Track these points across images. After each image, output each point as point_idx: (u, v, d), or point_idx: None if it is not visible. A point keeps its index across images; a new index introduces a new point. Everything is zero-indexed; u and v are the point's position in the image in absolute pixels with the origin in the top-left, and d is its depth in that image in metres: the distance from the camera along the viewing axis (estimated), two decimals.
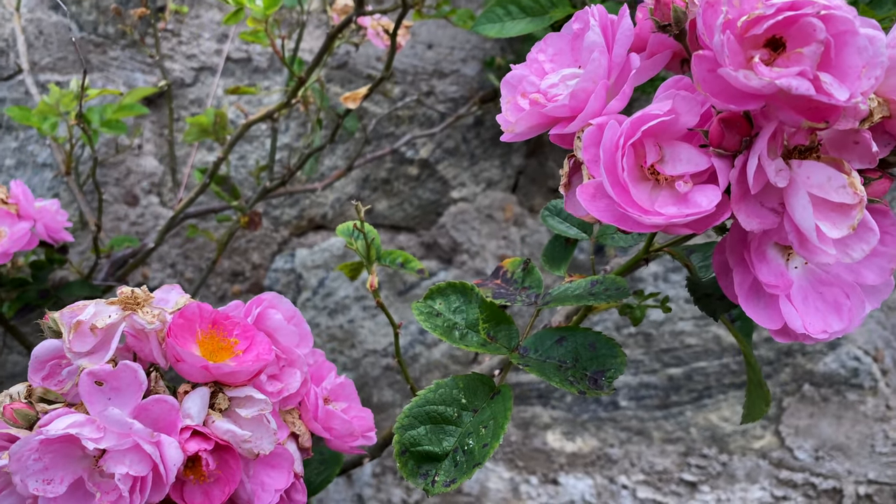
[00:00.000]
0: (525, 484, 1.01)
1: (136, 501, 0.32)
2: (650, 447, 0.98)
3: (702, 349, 0.96)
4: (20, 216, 0.67)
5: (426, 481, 0.36)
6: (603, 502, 1.00)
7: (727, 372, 0.96)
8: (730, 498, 0.97)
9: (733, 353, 0.96)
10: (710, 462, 0.97)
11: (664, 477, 0.98)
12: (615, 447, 0.99)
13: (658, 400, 0.97)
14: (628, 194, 0.28)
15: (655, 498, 0.98)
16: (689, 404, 0.97)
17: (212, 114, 0.74)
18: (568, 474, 1.00)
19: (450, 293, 0.41)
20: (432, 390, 0.38)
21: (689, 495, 0.98)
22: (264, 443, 0.37)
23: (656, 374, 0.97)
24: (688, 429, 0.97)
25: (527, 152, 0.99)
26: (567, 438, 1.00)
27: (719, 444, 0.97)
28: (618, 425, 0.99)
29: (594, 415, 0.99)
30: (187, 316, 0.38)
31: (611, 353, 0.37)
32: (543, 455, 1.00)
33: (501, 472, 1.02)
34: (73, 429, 0.32)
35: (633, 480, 0.99)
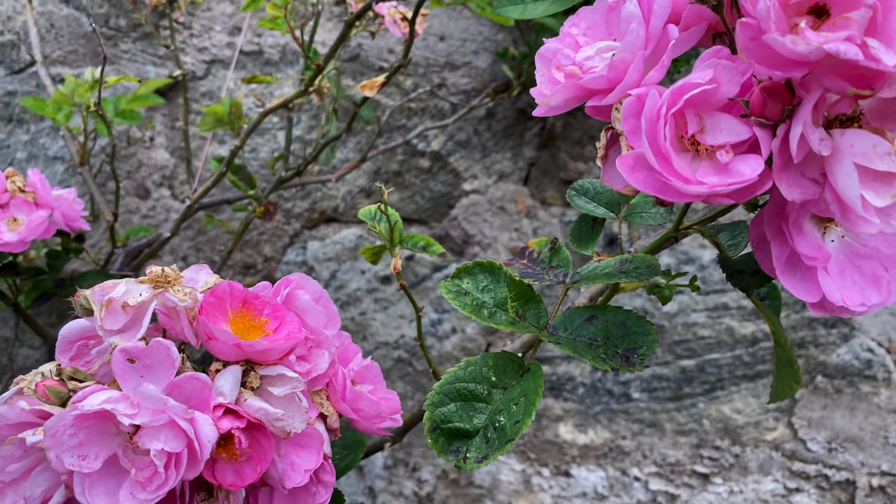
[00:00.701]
0: (537, 476, 1.01)
1: (171, 477, 0.32)
2: (662, 439, 0.98)
3: (714, 341, 0.96)
4: (37, 204, 0.67)
5: (458, 458, 0.36)
6: (615, 494, 0.99)
7: (740, 364, 0.96)
8: (742, 490, 0.97)
9: (746, 344, 0.96)
10: (723, 454, 0.97)
11: (676, 469, 0.98)
12: (627, 439, 0.99)
13: (670, 392, 0.97)
14: (670, 164, 0.28)
15: (668, 490, 0.98)
16: (702, 396, 0.97)
17: (227, 103, 0.74)
18: (580, 466, 1.00)
19: (477, 272, 0.41)
20: (462, 368, 0.38)
21: (702, 487, 0.98)
22: (296, 421, 0.37)
23: (669, 366, 0.97)
24: (700, 421, 0.97)
25: (538, 144, 0.99)
26: (579, 430, 0.99)
27: (732, 435, 0.97)
28: (630, 417, 0.98)
29: (606, 407, 0.99)
30: (218, 295, 0.38)
31: (642, 330, 0.37)
32: (555, 447, 1.00)
33: (513, 465, 1.01)
34: (108, 404, 0.32)
35: (646, 472, 0.98)
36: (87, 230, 0.70)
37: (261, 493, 0.39)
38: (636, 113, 0.29)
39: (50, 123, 1.06)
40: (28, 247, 0.66)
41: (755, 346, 0.95)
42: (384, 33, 1.00)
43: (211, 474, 0.36)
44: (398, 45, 0.99)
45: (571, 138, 0.97)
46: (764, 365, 0.96)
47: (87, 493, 0.32)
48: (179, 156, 1.05)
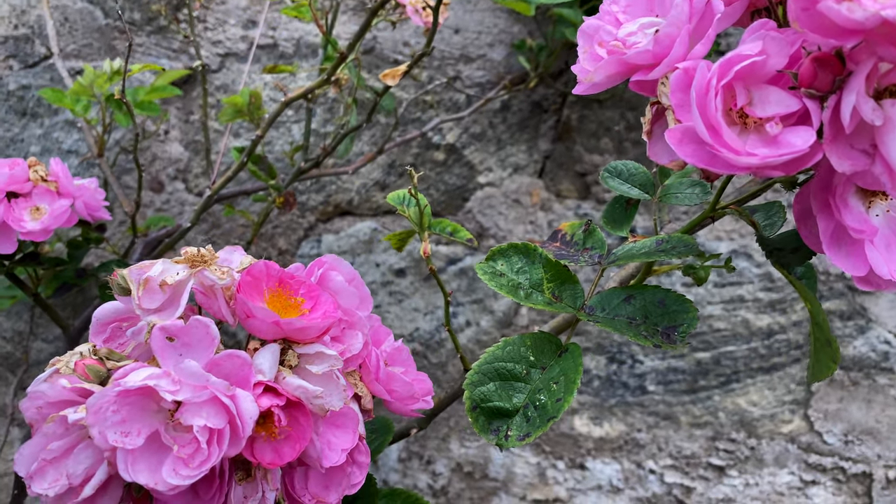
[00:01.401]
0: (552, 469, 1.01)
1: (213, 454, 0.32)
2: (678, 432, 0.98)
3: (730, 333, 0.96)
4: (60, 193, 0.67)
5: (498, 436, 0.36)
6: (630, 487, 0.99)
7: (756, 356, 0.96)
8: (758, 482, 0.97)
9: (762, 337, 0.95)
10: (739, 446, 0.97)
11: (692, 461, 0.98)
12: (643, 432, 0.98)
13: (686, 384, 0.97)
14: (721, 136, 0.28)
15: (683, 482, 0.98)
16: (718, 389, 0.97)
17: (247, 94, 0.74)
18: (595, 459, 0.99)
19: (511, 254, 0.41)
20: (500, 347, 0.38)
21: (717, 480, 0.97)
22: (334, 399, 0.37)
23: (684, 359, 0.97)
24: (716, 413, 0.97)
25: (554, 137, 0.99)
26: (594, 423, 0.99)
27: (748, 428, 0.96)
28: (645, 410, 0.98)
29: (622, 399, 0.99)
30: (254, 274, 0.38)
31: (682, 308, 0.37)
32: (570, 440, 1.00)
33: (528, 457, 1.01)
34: (150, 380, 0.32)
35: (661, 465, 0.98)
36: (109, 220, 0.70)
37: (296, 473, 0.39)
38: (684, 87, 0.29)
39: (64, 117, 1.06)
40: (51, 234, 0.66)
41: (771, 338, 0.95)
42: (399, 26, 1.00)
43: (250, 453, 0.35)
44: (413, 38, 0.99)
45: (587, 131, 0.97)
46: (780, 357, 0.95)
47: (131, 469, 0.32)
48: (194, 149, 1.05)
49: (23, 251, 0.70)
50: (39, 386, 0.34)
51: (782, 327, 0.95)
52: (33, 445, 0.34)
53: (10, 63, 1.09)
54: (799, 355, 0.95)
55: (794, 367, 0.95)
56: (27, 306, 1.10)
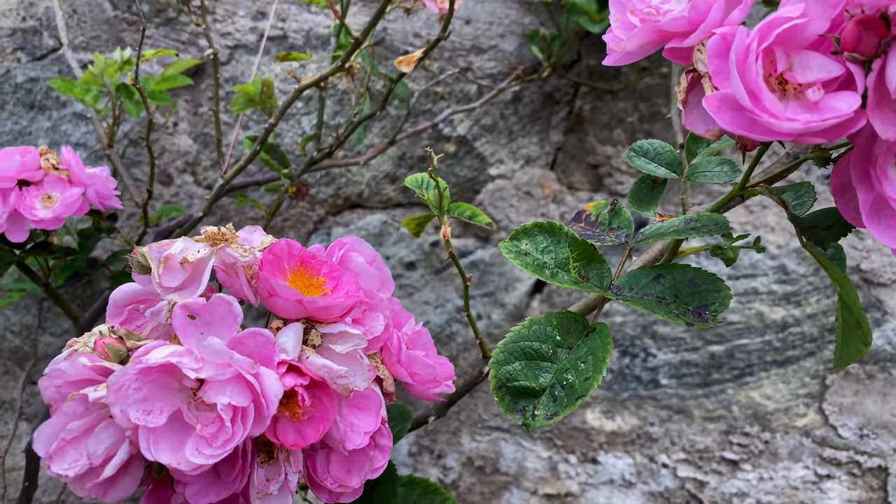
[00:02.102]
0: (564, 463, 1.00)
1: (237, 433, 0.31)
2: (691, 425, 0.97)
3: (744, 326, 0.95)
4: (71, 182, 0.67)
5: (525, 416, 0.35)
6: (643, 481, 0.98)
7: (769, 349, 0.95)
8: (772, 476, 0.96)
9: (776, 330, 0.94)
10: (752, 440, 0.96)
11: (705, 455, 0.97)
12: (655, 425, 0.98)
13: (699, 378, 0.96)
14: (761, 101, 0.27)
15: (696, 477, 0.97)
16: (731, 382, 0.96)
17: (259, 83, 0.73)
18: (607, 453, 0.99)
19: (536, 233, 0.40)
20: (526, 326, 0.37)
21: (731, 474, 0.96)
22: (358, 379, 0.36)
23: (698, 352, 0.96)
24: (729, 407, 0.96)
25: (566, 129, 0.98)
26: (606, 417, 0.98)
27: (761, 422, 0.96)
28: (658, 403, 0.97)
29: (634, 393, 0.98)
30: (276, 253, 0.37)
31: (713, 287, 0.36)
32: (582, 434, 0.99)
33: (539, 451, 1.00)
34: (173, 357, 0.31)
35: (674, 459, 0.97)
36: (121, 209, 0.70)
37: (318, 456, 0.39)
38: (722, 53, 0.29)
39: (72, 110, 1.06)
40: (63, 223, 0.65)
41: (785, 331, 0.94)
42: (408, 17, 1.00)
43: (273, 434, 0.35)
44: (424, 29, 0.98)
45: (600, 122, 0.96)
46: (794, 350, 0.94)
47: (153, 449, 0.31)
48: (202, 142, 1.05)
49: (34, 240, 0.69)
50: (59, 364, 0.33)
51: (797, 320, 0.94)
52: (53, 425, 0.33)
53: (18, 55, 1.09)
54: (813, 348, 0.94)
55: (808, 361, 0.94)
56: (35, 300, 1.10)
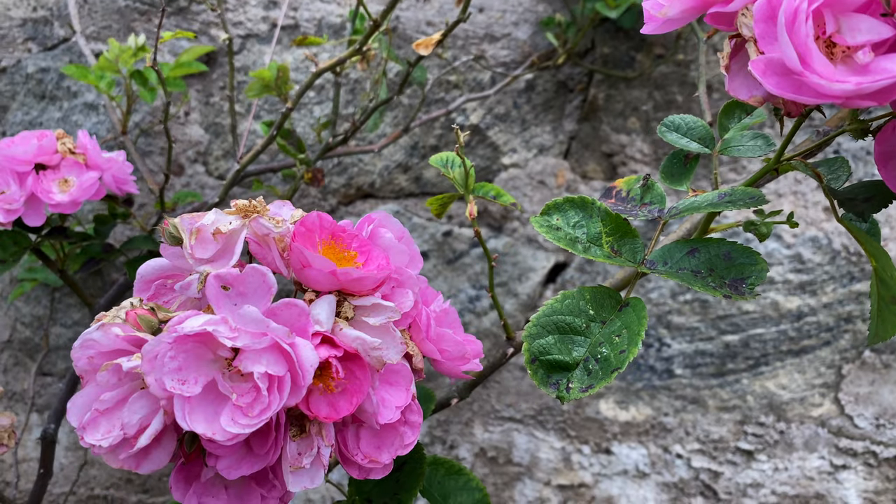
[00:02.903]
0: (577, 454, 1.00)
1: (273, 402, 0.31)
2: (705, 415, 0.96)
3: (759, 316, 0.94)
4: (88, 166, 0.67)
5: (559, 389, 0.35)
6: (657, 472, 0.98)
7: (785, 339, 0.94)
8: (787, 467, 0.95)
9: (791, 319, 0.94)
10: (768, 430, 0.95)
11: (720, 446, 0.96)
12: (670, 416, 0.97)
13: (714, 368, 0.96)
14: (810, 63, 0.27)
15: (711, 467, 0.97)
16: (746, 372, 0.95)
17: (274, 68, 0.73)
18: (621, 443, 0.98)
19: (567, 209, 0.40)
20: (559, 301, 0.37)
21: (746, 464, 0.96)
22: (391, 352, 0.36)
23: (712, 342, 0.96)
24: (744, 397, 0.96)
25: (579, 117, 0.97)
26: (620, 407, 0.98)
27: (777, 412, 0.95)
28: (672, 394, 0.97)
29: (648, 383, 0.97)
30: (308, 226, 0.37)
31: (749, 261, 0.35)
32: (596, 424, 0.99)
33: (553, 442, 1.00)
34: (209, 326, 0.31)
35: (688, 449, 0.97)
36: (137, 193, 0.69)
37: (348, 432, 0.38)
38: (768, 17, 0.28)
39: (83, 100, 1.05)
40: (80, 207, 0.65)
41: (801, 320, 0.94)
42: (422, 5, 0.99)
43: (306, 406, 0.34)
44: (437, 17, 0.98)
45: (614, 110, 0.96)
46: (810, 340, 0.94)
47: (188, 418, 0.31)
48: (214, 132, 1.04)
49: (49, 226, 0.69)
50: (92, 334, 0.33)
51: (812, 309, 0.93)
52: (85, 395, 0.33)
53: (29, 46, 1.09)
54: (829, 338, 0.94)
55: (824, 350, 0.94)
56: (46, 291, 1.10)
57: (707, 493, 0.97)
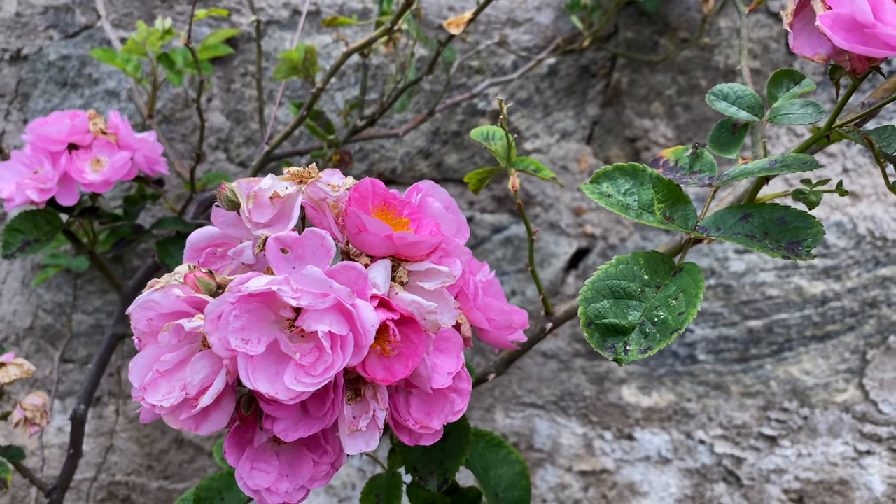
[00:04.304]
0: (599, 440, 1.00)
1: (337, 361, 0.31)
2: (728, 401, 0.96)
3: (783, 301, 0.94)
4: (120, 146, 0.67)
5: (616, 352, 0.35)
6: (679, 458, 0.98)
7: (809, 324, 0.94)
8: (811, 452, 0.95)
9: (815, 304, 0.94)
10: (791, 416, 0.95)
11: (743, 431, 0.96)
12: (692, 401, 0.97)
13: (737, 353, 0.96)
14: (883, 14, 0.27)
15: (734, 453, 0.97)
16: (769, 357, 0.95)
17: (302, 49, 0.73)
18: (644, 429, 0.98)
19: (617, 176, 0.40)
20: (613, 265, 0.37)
21: (769, 450, 0.96)
22: (446, 316, 0.36)
23: (735, 327, 0.95)
24: (768, 382, 0.95)
25: (602, 102, 0.97)
26: (643, 393, 0.98)
27: (800, 397, 0.95)
28: (695, 379, 0.97)
29: (671, 369, 0.97)
30: (361, 192, 0.37)
31: (805, 224, 0.35)
32: (618, 410, 0.99)
33: (574, 428, 1.00)
34: (273, 285, 0.31)
35: (711, 435, 0.97)
36: (167, 174, 0.70)
37: (399, 398, 0.38)
38: None
39: (104, 87, 1.05)
40: (112, 186, 0.65)
41: (825, 305, 0.93)
42: None
43: (363, 368, 0.35)
44: (459, 3, 0.98)
45: (637, 95, 0.96)
46: (834, 325, 0.94)
47: (251, 377, 0.31)
48: (235, 119, 1.04)
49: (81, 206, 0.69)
50: (152, 296, 0.33)
51: (837, 294, 0.93)
52: (146, 356, 0.33)
53: (51, 33, 1.09)
54: (853, 323, 0.94)
55: (848, 336, 0.94)
56: (68, 278, 1.10)
57: (730, 479, 0.97)
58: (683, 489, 0.98)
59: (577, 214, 0.98)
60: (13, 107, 1.10)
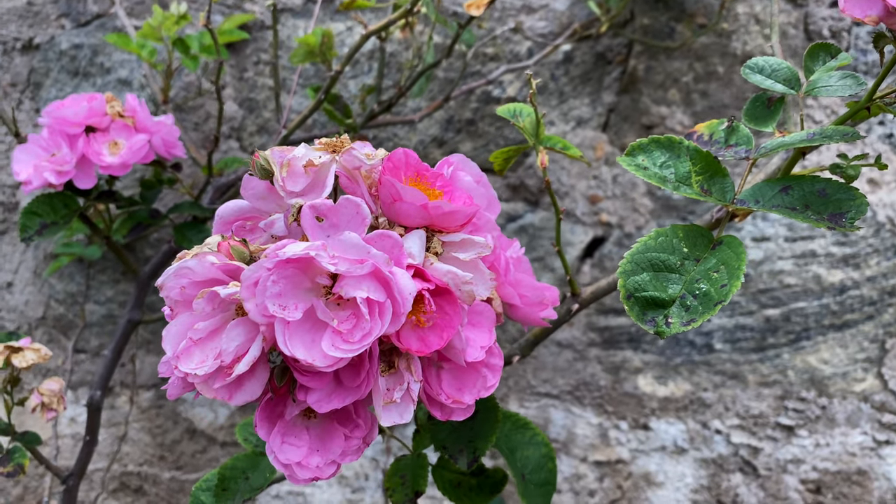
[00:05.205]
0: (614, 429, 0.99)
1: (375, 327, 0.31)
2: (745, 391, 0.96)
3: (801, 289, 0.93)
4: (137, 129, 0.66)
5: (657, 325, 0.34)
6: (695, 447, 0.97)
7: (827, 313, 0.93)
8: (829, 442, 0.94)
9: (834, 293, 0.93)
10: (809, 406, 0.94)
11: (760, 421, 0.96)
12: (709, 391, 0.96)
13: (754, 342, 0.95)
14: None
15: (750, 443, 0.96)
16: (787, 346, 0.94)
17: (319, 33, 0.72)
18: (659, 419, 0.98)
19: (653, 149, 0.39)
20: (652, 238, 0.36)
21: (786, 440, 0.95)
22: (481, 287, 0.35)
23: (753, 316, 0.95)
24: (785, 372, 0.95)
25: (619, 89, 0.97)
26: (659, 383, 0.97)
27: (818, 387, 0.94)
28: (712, 369, 0.96)
29: (687, 358, 0.96)
30: (395, 162, 0.36)
31: (847, 196, 0.35)
32: (634, 400, 0.98)
33: (590, 418, 0.99)
34: (311, 250, 0.30)
35: (728, 425, 0.96)
36: (184, 157, 0.69)
37: (430, 372, 0.38)
38: None
39: (116, 76, 1.05)
40: (129, 170, 0.65)
41: (843, 294, 0.93)
42: None
43: (397, 339, 0.34)
44: None
45: (654, 82, 0.95)
46: (852, 314, 0.93)
47: (288, 343, 0.30)
48: (248, 107, 1.04)
49: (98, 190, 0.69)
50: (186, 263, 0.32)
51: (855, 283, 0.92)
52: (179, 324, 0.32)
53: (63, 22, 1.08)
54: (872, 312, 0.93)
55: (867, 325, 0.93)
56: (80, 267, 1.10)
57: (746, 469, 0.96)
58: (699, 479, 0.97)
59: (593, 203, 0.98)
60: (25, 96, 1.10)
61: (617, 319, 0.98)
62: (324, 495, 1.09)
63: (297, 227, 0.35)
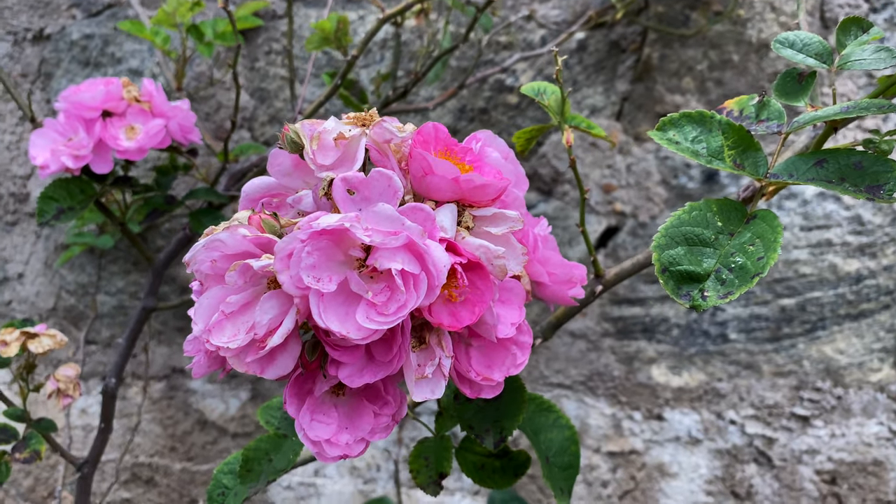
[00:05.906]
0: (628, 420, 0.98)
1: (410, 299, 0.30)
2: (760, 381, 0.95)
3: (816, 279, 0.93)
4: (154, 113, 0.66)
5: (692, 299, 0.34)
6: (709, 438, 0.97)
7: (843, 302, 0.93)
8: (844, 433, 0.94)
9: (850, 282, 0.92)
10: (824, 396, 0.94)
11: (774, 411, 0.95)
12: (723, 381, 0.96)
13: (769, 332, 0.94)
14: None
15: (765, 433, 0.95)
16: (802, 336, 0.94)
17: (335, 19, 0.72)
18: (673, 409, 0.97)
19: (684, 124, 0.38)
20: (686, 212, 0.36)
21: (801, 430, 0.95)
22: (513, 262, 0.35)
23: (768, 306, 0.94)
24: (800, 362, 0.94)
25: (633, 77, 0.96)
26: (673, 373, 0.97)
27: (834, 377, 0.94)
28: (726, 359, 0.96)
29: (702, 348, 0.96)
30: (424, 136, 0.36)
31: (884, 168, 0.34)
32: (648, 390, 0.98)
33: (603, 408, 0.99)
34: (346, 221, 0.30)
35: (742, 415, 0.96)
36: (200, 143, 0.69)
37: (460, 349, 0.37)
38: None
39: (127, 66, 1.05)
40: (146, 154, 0.64)
41: (859, 283, 0.92)
42: None
43: (429, 313, 0.34)
44: None
45: (668, 70, 0.94)
46: (869, 304, 0.92)
47: (323, 315, 0.30)
48: (259, 97, 1.04)
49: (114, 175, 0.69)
50: (218, 235, 0.32)
51: (872, 272, 0.92)
52: (211, 297, 0.32)
53: (74, 12, 1.08)
54: (889, 301, 0.92)
55: (883, 314, 0.92)
56: (91, 258, 1.10)
57: (761, 460, 0.96)
58: (714, 470, 0.97)
59: (607, 192, 0.97)
60: (36, 86, 1.09)
61: (631, 309, 0.98)
62: (335, 486, 1.09)
63: (325, 202, 0.34)
